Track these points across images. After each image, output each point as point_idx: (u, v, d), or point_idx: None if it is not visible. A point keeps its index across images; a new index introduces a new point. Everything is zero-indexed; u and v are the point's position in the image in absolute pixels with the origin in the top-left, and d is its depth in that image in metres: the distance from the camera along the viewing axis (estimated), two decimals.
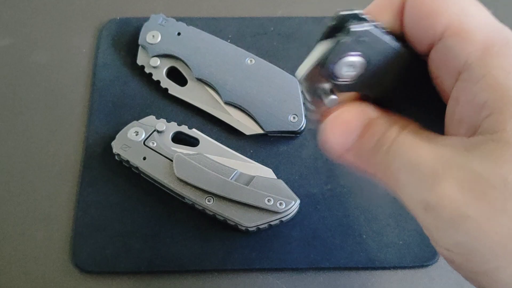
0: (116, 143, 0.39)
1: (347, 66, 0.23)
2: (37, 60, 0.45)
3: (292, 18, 0.47)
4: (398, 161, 0.22)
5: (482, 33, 0.21)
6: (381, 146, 0.23)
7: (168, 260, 0.37)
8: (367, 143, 0.23)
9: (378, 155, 0.23)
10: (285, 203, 0.36)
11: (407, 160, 0.21)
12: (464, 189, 0.20)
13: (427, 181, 0.20)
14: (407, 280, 0.37)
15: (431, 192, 0.20)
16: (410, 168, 0.21)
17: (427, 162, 0.21)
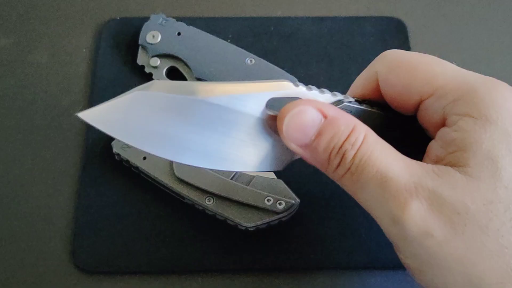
0: (116, 143, 0.39)
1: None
2: (37, 60, 0.45)
3: (292, 18, 0.47)
4: (367, 172, 0.24)
5: (450, 87, 0.25)
6: (344, 150, 0.25)
7: (168, 260, 0.37)
8: (323, 143, 0.25)
9: (342, 161, 0.25)
10: (284, 203, 0.36)
11: (377, 172, 0.24)
12: (432, 211, 0.23)
13: (399, 198, 0.23)
14: (407, 280, 0.37)
15: (403, 209, 0.23)
16: (381, 181, 0.24)
17: (399, 178, 0.23)
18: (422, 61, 0.27)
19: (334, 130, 0.25)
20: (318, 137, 0.25)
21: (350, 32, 0.47)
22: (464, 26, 0.48)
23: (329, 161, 0.26)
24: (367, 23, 0.47)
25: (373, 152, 0.24)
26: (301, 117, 0.25)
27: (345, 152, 0.25)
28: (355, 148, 0.25)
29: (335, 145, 0.25)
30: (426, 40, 0.47)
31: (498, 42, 0.47)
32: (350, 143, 0.25)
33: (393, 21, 0.47)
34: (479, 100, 0.24)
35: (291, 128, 0.25)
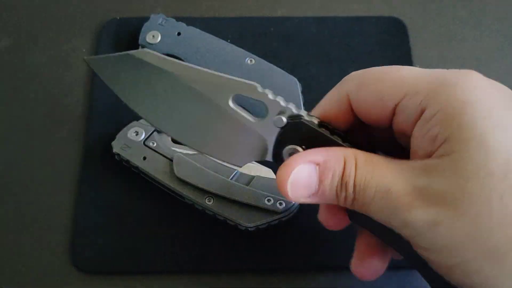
0: (116, 143, 0.39)
1: (290, 150, 0.29)
2: (37, 60, 0.45)
3: (292, 18, 0.47)
4: (368, 193, 0.26)
5: (421, 84, 0.26)
6: (345, 183, 0.27)
7: (168, 260, 0.37)
8: (327, 186, 0.27)
9: (347, 193, 0.27)
10: (284, 203, 0.36)
11: (376, 190, 0.26)
12: (433, 204, 0.24)
13: (402, 204, 0.25)
14: (407, 280, 0.37)
15: (408, 212, 0.25)
16: (383, 196, 0.26)
17: (397, 187, 0.25)
18: (388, 71, 0.28)
19: (330, 173, 0.27)
20: (320, 184, 0.28)
21: (350, 32, 0.47)
22: (464, 26, 0.48)
23: (337, 198, 0.28)
24: (367, 23, 0.47)
25: (367, 174, 0.27)
26: (300, 177, 0.28)
27: (346, 184, 0.27)
28: (352, 177, 0.27)
29: (337, 184, 0.27)
30: (426, 40, 0.47)
31: (498, 42, 0.47)
32: (347, 175, 0.27)
33: (393, 21, 0.47)
34: (452, 87, 0.25)
35: (295, 191, 0.28)
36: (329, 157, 0.27)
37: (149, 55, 0.31)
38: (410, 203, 0.25)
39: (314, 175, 0.27)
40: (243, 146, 0.30)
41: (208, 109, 0.30)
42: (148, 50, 0.31)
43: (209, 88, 0.30)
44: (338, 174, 0.27)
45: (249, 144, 0.30)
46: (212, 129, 0.30)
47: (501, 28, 0.48)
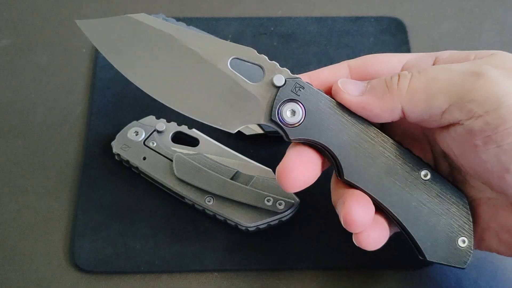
0: (116, 143, 0.39)
1: (290, 112, 0.29)
2: (37, 60, 0.45)
3: (292, 18, 0.47)
4: (431, 69, 0.28)
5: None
6: (397, 75, 0.29)
7: (168, 260, 0.37)
8: (376, 82, 0.29)
9: (396, 76, 0.29)
10: (284, 203, 0.36)
11: (446, 56, 0.31)
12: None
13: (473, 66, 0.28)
14: (407, 280, 0.37)
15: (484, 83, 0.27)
16: (448, 68, 0.28)
17: (468, 66, 0.28)
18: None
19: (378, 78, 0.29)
20: (369, 82, 0.29)
21: (350, 32, 0.47)
22: (464, 26, 0.48)
23: (388, 85, 0.28)
24: (367, 23, 0.47)
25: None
26: (351, 80, 0.30)
27: (399, 73, 0.28)
28: (406, 71, 0.29)
29: (386, 77, 0.29)
30: (426, 40, 0.47)
31: (498, 42, 0.47)
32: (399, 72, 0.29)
33: (393, 21, 0.47)
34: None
35: (345, 83, 0.29)
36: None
37: (148, 18, 0.31)
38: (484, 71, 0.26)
39: (364, 83, 0.29)
40: (238, 109, 0.30)
41: (205, 71, 0.30)
42: (147, 15, 0.31)
43: (208, 50, 0.30)
44: (387, 76, 0.29)
45: (244, 107, 0.30)
46: (207, 93, 0.30)
47: (502, 28, 0.48)
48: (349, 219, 0.29)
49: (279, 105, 0.29)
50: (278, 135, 0.41)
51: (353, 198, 0.29)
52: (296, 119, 0.29)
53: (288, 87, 0.29)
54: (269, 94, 0.30)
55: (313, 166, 0.30)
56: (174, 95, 0.31)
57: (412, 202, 0.30)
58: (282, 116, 0.29)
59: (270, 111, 0.29)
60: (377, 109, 0.28)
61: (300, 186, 0.29)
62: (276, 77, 0.29)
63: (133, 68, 0.31)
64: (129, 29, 0.31)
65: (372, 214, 0.29)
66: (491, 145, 0.26)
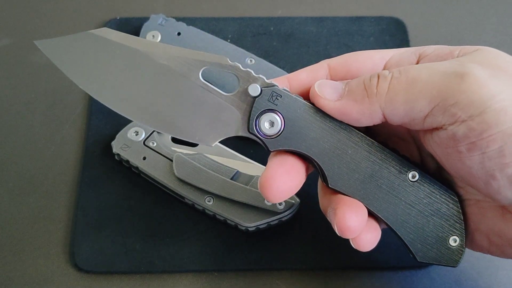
0: (116, 143, 0.39)
1: (268, 123, 0.28)
2: (37, 60, 0.45)
3: (292, 18, 0.47)
4: (414, 67, 0.27)
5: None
6: (378, 73, 0.27)
7: (168, 260, 0.37)
8: (354, 82, 0.28)
9: (380, 77, 0.27)
10: (284, 203, 0.36)
11: (422, 67, 0.27)
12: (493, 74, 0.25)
13: (456, 67, 0.26)
14: (407, 280, 0.37)
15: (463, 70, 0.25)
16: (431, 68, 0.26)
17: (450, 66, 0.26)
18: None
19: (359, 77, 0.28)
20: (347, 84, 0.28)
21: (350, 32, 0.47)
22: (464, 26, 0.48)
23: (367, 88, 0.27)
24: (367, 23, 0.47)
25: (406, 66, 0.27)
26: (326, 81, 0.29)
27: (378, 73, 0.27)
28: (386, 71, 0.27)
29: (364, 77, 0.27)
30: (426, 40, 0.47)
31: (498, 42, 0.47)
32: (378, 71, 0.28)
33: (393, 21, 0.47)
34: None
35: (320, 86, 0.28)
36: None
37: (113, 33, 0.29)
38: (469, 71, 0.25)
39: (341, 83, 0.28)
40: (215, 122, 0.29)
41: (177, 84, 0.28)
42: (110, 29, 0.29)
43: (178, 63, 0.28)
44: (366, 76, 0.27)
45: (220, 119, 0.29)
46: (181, 107, 0.29)
47: (502, 28, 0.48)
48: (343, 227, 0.28)
49: (255, 117, 0.28)
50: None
51: (344, 205, 0.29)
52: (275, 130, 0.28)
53: (265, 97, 0.28)
54: (245, 104, 0.28)
55: (296, 174, 0.29)
56: (146, 112, 0.29)
57: (400, 205, 0.29)
58: (260, 128, 0.28)
59: (247, 123, 0.28)
60: (356, 114, 0.27)
61: (284, 197, 0.28)
62: (251, 87, 0.28)
63: (99, 87, 0.29)
64: (92, 46, 0.29)
65: (365, 218, 0.29)
66: (476, 152, 0.25)
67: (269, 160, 0.29)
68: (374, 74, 0.27)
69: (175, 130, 0.29)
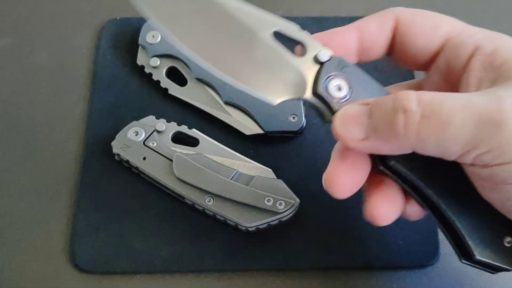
0: (116, 143, 0.39)
1: (336, 87, 0.28)
2: (37, 60, 0.45)
3: (292, 18, 0.47)
4: (446, 103, 0.24)
5: (477, 31, 0.28)
6: (404, 105, 0.24)
7: (168, 260, 0.37)
8: (379, 118, 0.25)
9: (408, 113, 0.24)
10: (284, 203, 0.36)
11: (457, 101, 0.24)
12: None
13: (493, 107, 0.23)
14: (407, 280, 0.37)
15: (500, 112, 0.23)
16: (465, 104, 0.24)
17: (478, 99, 0.24)
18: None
19: (381, 101, 0.26)
20: (371, 117, 0.26)
21: None
22: None
23: (395, 127, 0.25)
24: None
25: (436, 94, 0.25)
26: (349, 112, 0.27)
27: (404, 105, 0.24)
28: (413, 97, 0.24)
29: (387, 109, 0.25)
30: None
31: None
32: (401, 98, 0.25)
33: None
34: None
35: (343, 125, 0.27)
36: (380, 98, 0.26)
37: None
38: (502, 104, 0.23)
39: (363, 110, 0.26)
40: (280, 81, 0.29)
41: (247, 39, 0.29)
42: None
43: (252, 19, 0.29)
44: (391, 103, 0.25)
45: (287, 79, 0.28)
46: (249, 60, 0.29)
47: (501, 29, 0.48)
48: (375, 216, 0.28)
49: (325, 79, 0.28)
50: (278, 135, 0.41)
51: (381, 193, 0.28)
52: (342, 93, 0.28)
53: (333, 64, 0.28)
54: (313, 70, 0.28)
55: (360, 169, 0.28)
56: (214, 58, 0.29)
57: (462, 189, 0.27)
58: (328, 90, 0.28)
59: (314, 86, 0.28)
60: (385, 152, 0.26)
61: (349, 193, 0.28)
62: (322, 53, 0.28)
63: (176, 27, 0.30)
64: None
65: (400, 210, 0.29)
66: (497, 192, 0.25)
67: (332, 156, 0.29)
68: (398, 109, 0.24)
69: (241, 79, 0.29)
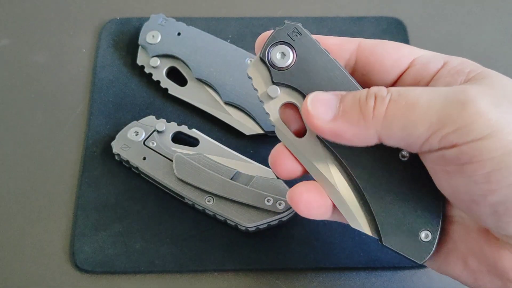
0: (116, 143, 0.39)
1: (280, 54, 0.28)
2: (37, 60, 0.45)
3: (292, 18, 0.47)
4: (414, 91, 0.25)
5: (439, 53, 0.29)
6: (375, 93, 0.26)
7: (168, 260, 0.37)
8: (350, 102, 0.26)
9: (377, 99, 0.25)
10: (284, 203, 0.36)
11: (423, 89, 0.25)
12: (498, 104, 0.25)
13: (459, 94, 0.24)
14: (407, 280, 0.37)
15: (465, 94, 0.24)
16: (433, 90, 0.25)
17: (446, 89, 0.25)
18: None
19: (355, 92, 0.27)
20: (342, 102, 0.26)
21: (350, 32, 0.47)
22: (464, 26, 0.48)
23: (363, 110, 0.25)
24: (367, 23, 0.47)
25: (405, 87, 0.26)
26: (320, 95, 0.27)
27: (376, 92, 0.25)
28: (384, 88, 0.26)
29: (360, 96, 0.26)
30: (426, 40, 0.47)
31: (497, 42, 0.47)
32: (375, 89, 0.26)
33: (393, 21, 0.47)
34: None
35: (315, 108, 0.27)
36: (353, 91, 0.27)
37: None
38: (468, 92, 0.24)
39: (336, 96, 0.27)
40: None
41: None
42: None
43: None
44: (361, 92, 0.26)
45: None
46: None
47: (502, 28, 0.48)
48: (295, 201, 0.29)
49: (270, 45, 0.28)
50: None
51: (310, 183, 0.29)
52: (284, 62, 0.28)
53: (286, 30, 0.28)
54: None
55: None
56: None
57: (382, 179, 0.28)
58: (271, 56, 0.28)
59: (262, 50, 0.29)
60: (349, 136, 0.26)
61: (288, 176, 0.30)
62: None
63: None
64: None
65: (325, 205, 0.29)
66: (463, 175, 0.24)
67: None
68: (371, 94, 0.26)
69: None
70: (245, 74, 0.30)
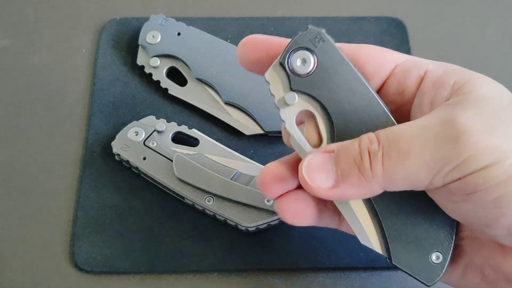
0: (116, 143, 0.39)
1: (301, 60, 0.27)
2: (37, 60, 0.45)
3: (292, 18, 0.47)
4: (403, 136, 0.25)
5: (422, 59, 0.29)
6: (368, 148, 0.25)
7: (168, 260, 0.37)
8: (346, 164, 0.26)
9: (371, 153, 0.25)
10: None
11: (415, 127, 0.25)
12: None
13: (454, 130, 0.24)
14: (407, 280, 0.37)
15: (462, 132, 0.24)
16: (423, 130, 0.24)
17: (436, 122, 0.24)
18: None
19: (346, 147, 0.26)
20: (337, 163, 0.26)
21: (350, 32, 0.47)
22: (464, 26, 0.48)
23: (361, 170, 0.25)
24: (367, 23, 0.47)
25: (391, 129, 0.25)
26: (314, 162, 0.26)
27: (368, 149, 0.25)
28: (374, 138, 0.25)
29: (354, 155, 0.25)
30: (426, 40, 0.47)
31: (498, 42, 0.47)
32: (366, 142, 0.25)
33: (393, 21, 0.47)
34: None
35: (309, 173, 0.26)
36: (343, 144, 0.26)
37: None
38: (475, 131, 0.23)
39: (328, 157, 0.26)
40: None
41: None
42: None
43: None
44: (354, 147, 0.25)
45: None
46: None
47: (502, 28, 0.48)
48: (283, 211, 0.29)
49: (291, 50, 0.27)
50: (278, 135, 0.41)
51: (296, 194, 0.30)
52: (305, 69, 0.27)
53: (308, 35, 0.27)
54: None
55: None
56: None
57: (397, 196, 0.27)
58: (291, 62, 0.27)
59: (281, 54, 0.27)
60: (356, 196, 0.26)
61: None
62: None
63: None
64: None
65: (310, 214, 0.30)
66: (470, 203, 0.24)
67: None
68: (364, 150, 0.25)
69: None
70: (245, 74, 0.30)
